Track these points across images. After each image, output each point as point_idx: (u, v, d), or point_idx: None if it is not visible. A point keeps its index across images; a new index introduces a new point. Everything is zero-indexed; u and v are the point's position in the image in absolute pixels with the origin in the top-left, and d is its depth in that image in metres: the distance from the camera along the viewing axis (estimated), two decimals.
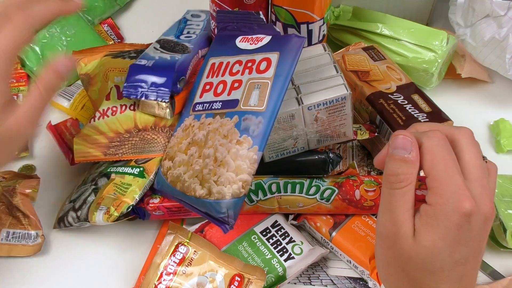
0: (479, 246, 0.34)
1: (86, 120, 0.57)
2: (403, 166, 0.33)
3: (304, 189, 0.47)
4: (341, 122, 0.46)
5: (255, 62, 0.43)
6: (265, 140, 0.40)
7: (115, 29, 0.70)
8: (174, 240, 0.46)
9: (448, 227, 0.32)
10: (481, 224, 0.33)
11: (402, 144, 0.33)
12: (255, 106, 0.41)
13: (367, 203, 0.47)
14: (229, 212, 0.40)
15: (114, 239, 0.51)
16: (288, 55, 0.42)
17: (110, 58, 0.53)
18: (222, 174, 0.40)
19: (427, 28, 0.61)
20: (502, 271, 0.48)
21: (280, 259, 0.46)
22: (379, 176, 0.49)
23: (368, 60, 0.57)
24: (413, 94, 0.52)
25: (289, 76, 0.41)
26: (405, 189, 0.33)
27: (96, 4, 0.68)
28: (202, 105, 0.45)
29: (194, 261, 0.45)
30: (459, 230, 0.32)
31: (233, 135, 0.41)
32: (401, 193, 0.33)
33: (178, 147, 0.45)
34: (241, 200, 0.40)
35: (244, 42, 0.46)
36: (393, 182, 0.33)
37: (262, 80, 0.42)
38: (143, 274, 0.47)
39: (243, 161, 0.40)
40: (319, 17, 0.54)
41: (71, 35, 0.62)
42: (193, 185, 0.42)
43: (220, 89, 0.44)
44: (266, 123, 0.40)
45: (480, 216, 0.32)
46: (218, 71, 0.46)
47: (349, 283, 0.47)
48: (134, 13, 0.75)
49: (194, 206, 0.43)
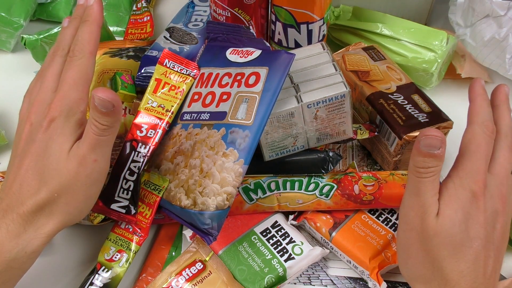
0: (491, 236, 0.36)
1: None
2: (432, 160, 0.36)
3: (303, 186, 0.47)
4: (340, 120, 0.46)
5: (244, 76, 0.44)
6: (251, 154, 0.40)
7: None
8: (195, 255, 0.47)
9: (464, 198, 0.36)
10: (490, 215, 0.36)
11: (433, 143, 0.35)
12: (242, 120, 0.41)
13: (366, 197, 0.47)
14: (213, 224, 0.40)
15: None
16: (277, 71, 0.42)
17: (108, 57, 0.53)
18: (207, 185, 0.40)
19: (427, 28, 0.61)
20: (503, 272, 0.48)
21: (280, 259, 0.46)
22: (377, 171, 0.49)
23: (368, 60, 0.57)
24: (413, 94, 0.52)
25: (277, 92, 0.41)
26: (433, 178, 0.36)
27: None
28: (190, 115, 0.45)
29: (205, 281, 0.45)
30: (471, 205, 0.36)
31: (219, 147, 0.41)
32: (430, 181, 0.36)
33: (165, 155, 0.45)
34: (225, 212, 0.40)
35: (234, 55, 0.46)
36: (422, 172, 0.36)
37: (251, 94, 0.42)
38: (144, 273, 0.47)
39: (229, 173, 0.40)
40: (319, 17, 0.54)
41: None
42: (179, 194, 0.42)
43: (209, 100, 0.45)
44: (252, 137, 0.40)
45: (488, 206, 0.36)
46: (207, 81, 0.46)
47: (349, 283, 0.47)
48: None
49: (179, 216, 0.43)
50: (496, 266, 0.37)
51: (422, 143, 0.36)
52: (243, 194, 0.48)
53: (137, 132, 0.45)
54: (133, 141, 0.44)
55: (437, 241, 0.36)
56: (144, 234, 0.44)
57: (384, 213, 0.49)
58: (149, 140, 0.45)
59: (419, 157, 0.36)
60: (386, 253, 0.46)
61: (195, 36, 0.55)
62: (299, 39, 0.56)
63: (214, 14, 0.56)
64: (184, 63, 0.48)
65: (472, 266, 0.36)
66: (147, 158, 0.44)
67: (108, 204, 0.44)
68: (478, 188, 0.36)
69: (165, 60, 0.48)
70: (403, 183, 0.47)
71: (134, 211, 0.44)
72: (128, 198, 0.44)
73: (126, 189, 0.44)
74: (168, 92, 0.47)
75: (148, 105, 0.46)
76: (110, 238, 0.45)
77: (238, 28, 0.47)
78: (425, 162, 0.36)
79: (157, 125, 0.45)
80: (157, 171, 0.45)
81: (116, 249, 0.44)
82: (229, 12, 0.54)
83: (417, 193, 0.37)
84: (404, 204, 0.38)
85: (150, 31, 0.66)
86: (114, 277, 0.43)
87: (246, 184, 0.48)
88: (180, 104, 0.47)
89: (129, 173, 0.44)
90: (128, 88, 0.48)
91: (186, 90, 0.47)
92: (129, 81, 0.49)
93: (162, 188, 0.44)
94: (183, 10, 0.63)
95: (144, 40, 0.65)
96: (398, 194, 0.47)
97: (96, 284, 0.43)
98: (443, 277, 0.36)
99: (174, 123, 0.46)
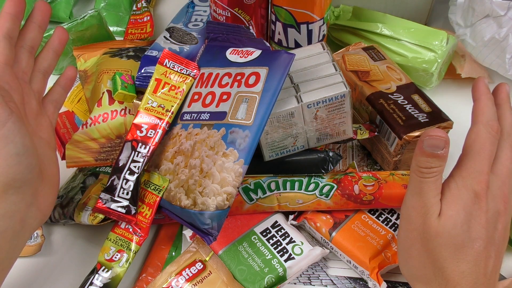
0: (492, 237, 0.36)
1: (82, 113, 0.57)
2: (435, 161, 0.36)
3: (303, 186, 0.47)
4: (340, 120, 0.46)
5: (244, 76, 0.44)
6: (251, 154, 0.40)
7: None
8: (195, 255, 0.47)
9: (467, 198, 0.36)
10: (492, 216, 0.36)
11: (437, 143, 0.35)
12: (242, 120, 0.41)
13: (366, 197, 0.47)
14: (213, 224, 0.40)
15: None
16: (277, 71, 0.42)
17: (108, 57, 0.53)
18: (207, 185, 0.40)
19: (427, 28, 0.61)
20: (503, 272, 0.48)
21: (280, 259, 0.46)
22: (377, 171, 0.49)
23: (368, 60, 0.57)
24: (413, 94, 0.52)
25: (277, 92, 0.41)
26: (436, 178, 0.36)
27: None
28: (190, 115, 0.45)
29: (205, 281, 0.45)
30: (473, 205, 0.36)
31: (219, 147, 0.41)
32: (432, 181, 0.36)
33: (165, 155, 0.45)
34: (225, 212, 0.40)
35: (234, 55, 0.46)
36: (425, 172, 0.36)
37: (251, 94, 0.42)
38: (144, 273, 0.47)
39: (229, 173, 0.40)
40: (319, 17, 0.54)
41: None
42: (179, 195, 0.42)
43: (209, 100, 0.45)
44: (252, 137, 0.40)
45: (490, 207, 0.36)
46: (207, 81, 0.46)
47: (349, 283, 0.47)
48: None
49: (179, 216, 0.43)
50: (497, 266, 0.37)
51: (426, 143, 0.36)
52: (243, 194, 0.48)
53: (137, 132, 0.45)
54: (133, 141, 0.44)
55: (439, 242, 0.36)
56: (144, 234, 0.44)
57: (384, 213, 0.49)
58: (149, 140, 0.45)
59: (422, 157, 0.36)
60: (386, 253, 0.46)
61: (195, 36, 0.55)
62: (299, 39, 0.56)
63: (214, 14, 0.56)
64: (184, 63, 0.48)
65: (473, 266, 0.36)
66: (147, 158, 0.44)
67: (108, 204, 0.44)
68: (481, 188, 0.36)
69: (165, 60, 0.48)
70: (403, 183, 0.47)
71: (134, 211, 0.44)
72: (128, 198, 0.44)
73: (126, 189, 0.44)
74: (168, 92, 0.47)
75: (148, 105, 0.46)
76: (110, 238, 0.45)
77: (238, 28, 0.47)
78: (428, 162, 0.36)
79: (157, 125, 0.45)
80: (157, 171, 0.45)
81: (116, 249, 0.44)
82: (229, 12, 0.54)
83: (419, 193, 0.37)
84: (406, 204, 0.38)
85: (150, 31, 0.66)
86: (114, 277, 0.43)
87: (246, 184, 0.48)
88: (180, 104, 0.47)
89: (129, 173, 0.44)
90: (128, 88, 0.48)
91: (186, 90, 0.47)
92: (129, 81, 0.49)
93: (162, 188, 0.44)
94: (183, 10, 0.63)
95: (144, 40, 0.65)
96: (398, 194, 0.47)
97: (96, 284, 0.43)
98: (444, 278, 0.36)
99: (174, 123, 0.46)
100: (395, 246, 0.46)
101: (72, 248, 0.50)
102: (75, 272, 0.48)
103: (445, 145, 0.35)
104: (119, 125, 0.49)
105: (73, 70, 0.47)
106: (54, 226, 0.52)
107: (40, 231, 0.49)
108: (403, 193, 0.46)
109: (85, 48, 0.57)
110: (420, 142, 0.36)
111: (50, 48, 0.45)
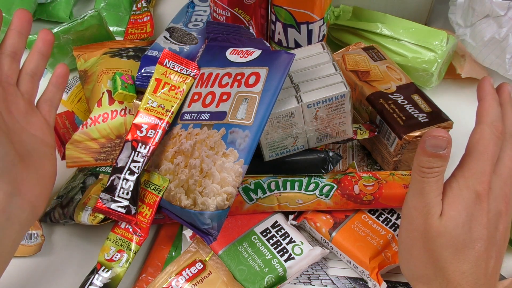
0: (493, 237, 0.36)
1: (82, 113, 0.57)
2: (437, 161, 0.36)
3: (303, 186, 0.47)
4: (340, 120, 0.46)
5: (244, 76, 0.44)
6: (251, 154, 0.40)
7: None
8: (195, 255, 0.47)
9: (468, 198, 0.36)
10: (493, 216, 0.36)
11: (439, 143, 0.35)
12: (242, 120, 0.41)
13: (366, 197, 0.47)
14: (213, 224, 0.40)
15: None
16: (277, 71, 0.42)
17: (108, 57, 0.54)
18: (207, 185, 0.40)
19: (427, 28, 0.61)
20: (503, 272, 0.48)
21: (280, 259, 0.46)
22: (377, 171, 0.49)
23: (368, 60, 0.57)
24: (413, 94, 0.52)
25: (277, 92, 0.41)
26: (438, 178, 0.36)
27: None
28: (190, 115, 0.45)
29: (205, 281, 0.45)
30: (475, 206, 0.36)
31: (219, 147, 0.41)
32: (434, 181, 0.36)
33: (165, 155, 0.45)
34: (225, 212, 0.40)
35: (234, 55, 0.46)
36: (427, 172, 0.36)
37: (251, 94, 0.42)
38: (144, 273, 0.47)
39: (229, 173, 0.40)
40: (319, 17, 0.54)
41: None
42: (179, 195, 0.42)
43: (209, 100, 0.45)
44: (252, 137, 0.40)
45: (492, 207, 0.36)
46: (207, 81, 0.46)
47: (349, 283, 0.47)
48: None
49: (179, 216, 0.43)
50: (497, 266, 0.37)
51: (428, 143, 0.35)
52: (243, 194, 0.48)
53: (137, 132, 0.45)
54: (133, 141, 0.44)
55: (440, 242, 0.36)
56: (144, 234, 0.44)
57: (384, 213, 0.49)
58: (149, 140, 0.45)
59: (424, 157, 0.36)
60: (386, 253, 0.46)
61: (195, 36, 0.55)
62: (299, 39, 0.56)
63: (214, 14, 0.56)
64: (184, 63, 0.48)
65: (474, 267, 0.36)
66: (147, 158, 0.44)
67: (108, 204, 0.44)
68: (483, 189, 0.36)
69: (165, 60, 0.48)
70: (403, 183, 0.47)
71: (134, 211, 0.44)
72: (128, 198, 0.44)
73: (126, 189, 0.44)
74: (168, 92, 0.47)
75: (148, 105, 0.46)
76: (110, 238, 0.45)
77: (238, 28, 0.47)
78: (430, 162, 0.36)
79: (157, 125, 0.45)
80: (157, 171, 0.45)
81: (116, 249, 0.44)
82: (229, 12, 0.54)
83: (421, 193, 0.37)
84: (407, 203, 0.38)
85: (150, 31, 0.66)
86: (114, 277, 0.43)
87: (246, 184, 0.48)
88: (180, 104, 0.47)
89: (129, 173, 0.44)
90: (128, 88, 0.48)
91: (186, 90, 0.47)
92: (129, 81, 0.49)
93: (162, 188, 0.44)
94: (183, 10, 0.63)
95: (144, 40, 0.65)
96: (398, 194, 0.47)
97: (96, 284, 0.43)
98: (445, 278, 0.36)
99: (174, 123, 0.46)
100: (395, 246, 0.46)
101: (72, 248, 0.50)
102: (75, 272, 0.48)
103: (447, 145, 0.35)
104: (119, 125, 0.49)
105: (63, 67, 0.48)
106: (54, 226, 0.52)
107: (40, 231, 0.49)
108: (403, 193, 0.46)
109: (85, 48, 0.57)
110: (422, 142, 0.36)
111: (35, 51, 0.46)
